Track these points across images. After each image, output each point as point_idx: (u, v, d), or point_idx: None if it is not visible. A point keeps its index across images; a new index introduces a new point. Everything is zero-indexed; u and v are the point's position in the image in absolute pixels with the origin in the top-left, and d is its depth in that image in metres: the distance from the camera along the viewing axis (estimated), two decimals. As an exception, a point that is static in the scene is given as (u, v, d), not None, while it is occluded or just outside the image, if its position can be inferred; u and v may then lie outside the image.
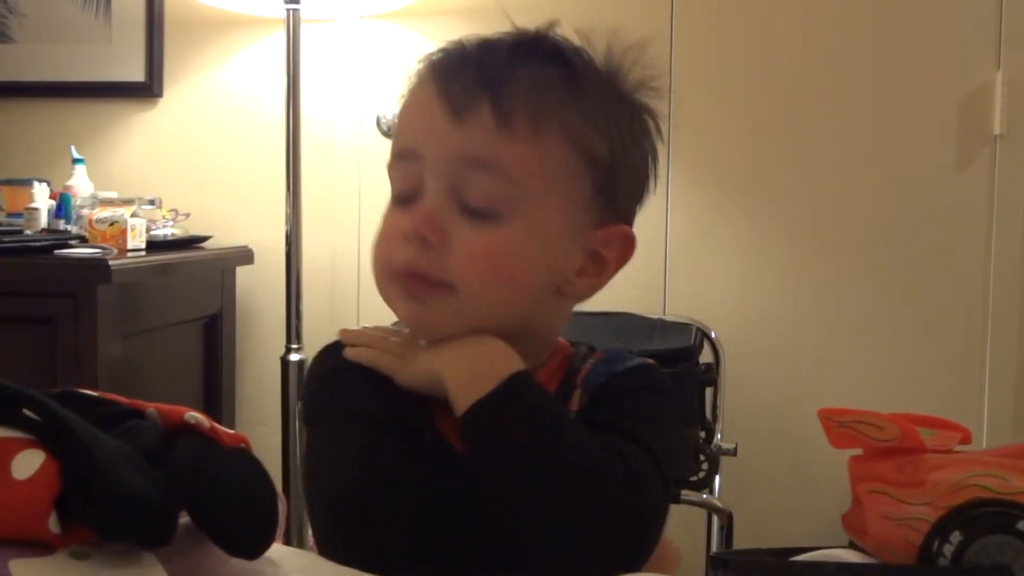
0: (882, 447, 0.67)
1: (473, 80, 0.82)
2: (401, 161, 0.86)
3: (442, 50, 0.87)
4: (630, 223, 0.89)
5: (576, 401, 0.89)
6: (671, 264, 2.46)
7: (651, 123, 0.92)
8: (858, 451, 0.69)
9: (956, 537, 0.62)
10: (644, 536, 0.79)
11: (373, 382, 0.85)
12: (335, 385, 0.89)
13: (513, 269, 0.83)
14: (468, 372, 0.81)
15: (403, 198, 0.85)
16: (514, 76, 0.82)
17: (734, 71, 2.49)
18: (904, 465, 0.65)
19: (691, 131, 2.48)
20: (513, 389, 0.80)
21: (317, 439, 0.89)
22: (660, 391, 0.91)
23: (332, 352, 0.92)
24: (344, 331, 0.91)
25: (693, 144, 2.48)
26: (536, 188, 0.82)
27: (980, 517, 0.62)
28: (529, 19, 0.89)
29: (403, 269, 0.83)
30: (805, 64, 2.47)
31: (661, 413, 0.89)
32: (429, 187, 0.82)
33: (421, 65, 0.88)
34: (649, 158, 0.90)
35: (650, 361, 0.93)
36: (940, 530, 0.62)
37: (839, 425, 0.68)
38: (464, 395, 0.80)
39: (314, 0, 2.33)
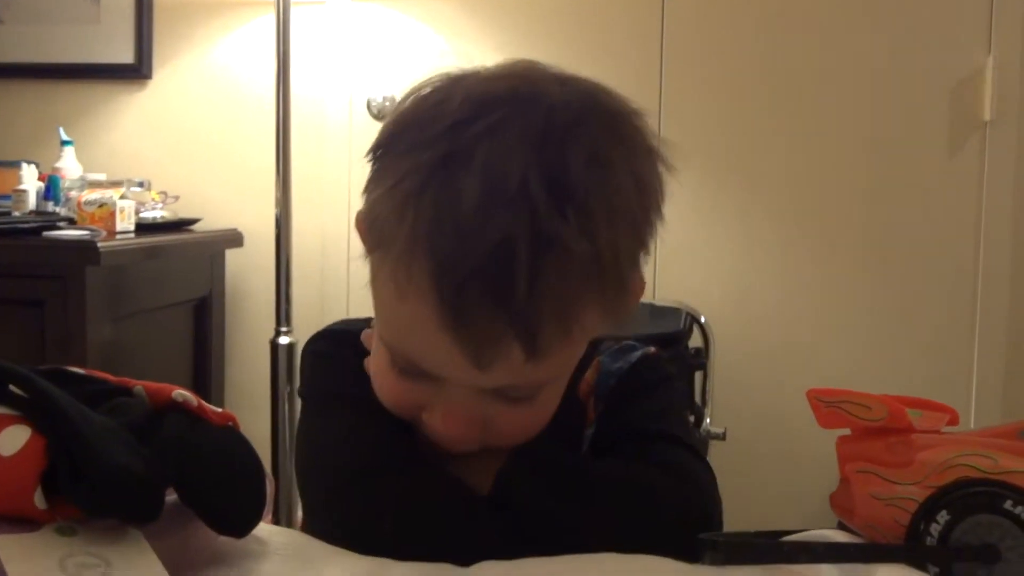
0: (870, 427, 0.67)
1: (497, 326, 0.68)
2: (407, 369, 0.76)
3: (430, 247, 0.68)
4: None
5: (592, 411, 0.88)
6: (661, 249, 2.46)
7: (662, 180, 0.79)
8: (846, 431, 0.69)
9: (943, 516, 0.62)
10: (712, 517, 0.81)
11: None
12: (333, 366, 0.88)
13: (552, 410, 0.81)
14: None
15: (413, 373, 0.76)
16: (541, 302, 0.68)
17: (724, 55, 2.49)
18: (892, 445, 0.65)
19: (681, 116, 2.48)
20: (527, 454, 0.79)
21: (308, 418, 0.89)
22: (668, 379, 0.91)
23: (335, 332, 0.91)
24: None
25: (683, 129, 2.48)
26: (567, 362, 0.78)
27: (968, 497, 0.62)
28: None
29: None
30: (797, 49, 2.47)
31: (675, 401, 0.91)
32: (455, 393, 0.75)
33: (393, 220, 0.70)
34: (656, 219, 0.78)
35: (651, 350, 0.93)
36: (928, 510, 0.62)
37: (827, 405, 0.68)
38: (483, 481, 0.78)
39: (304, -18, 2.33)
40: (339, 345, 0.89)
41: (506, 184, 0.67)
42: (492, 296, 0.67)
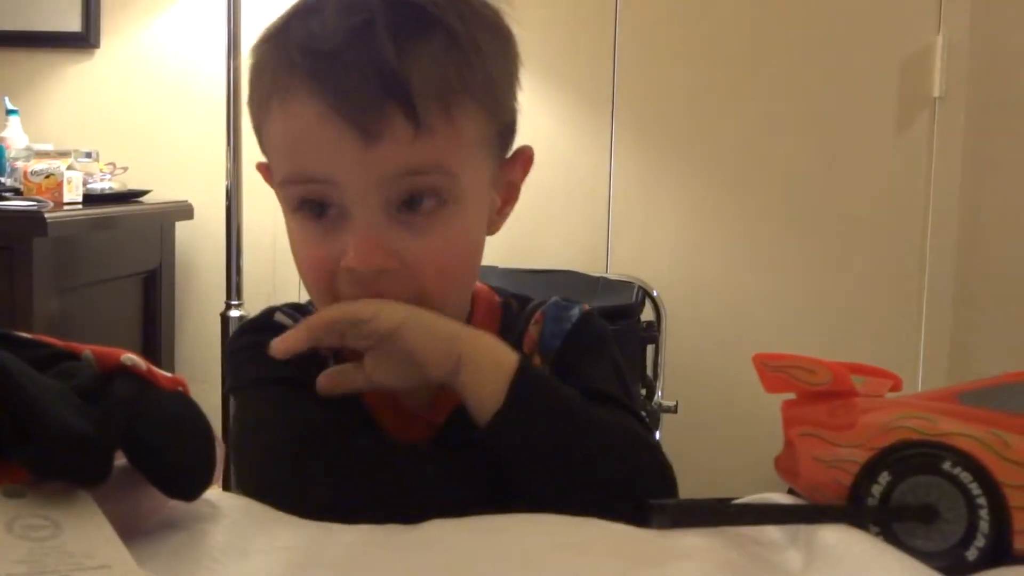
0: (814, 391, 0.68)
1: (374, 90, 0.73)
2: (302, 184, 0.78)
3: (299, 46, 0.76)
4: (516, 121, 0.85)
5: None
6: (614, 223, 2.47)
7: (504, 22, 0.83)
8: (791, 396, 0.70)
9: (884, 478, 0.63)
10: (666, 478, 0.82)
11: (297, 355, 0.81)
12: (257, 356, 0.87)
13: (469, 259, 0.82)
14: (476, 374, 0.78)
15: (316, 209, 0.78)
16: (414, 70, 0.73)
17: (678, 30, 2.50)
18: (835, 408, 0.66)
19: (634, 91, 2.48)
20: (524, 387, 0.78)
21: (241, 405, 0.89)
22: (606, 337, 0.92)
23: (255, 322, 0.91)
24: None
25: (636, 105, 2.49)
26: (464, 168, 0.78)
27: (907, 458, 0.63)
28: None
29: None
30: (749, 24, 2.49)
31: (615, 359, 0.91)
32: (357, 212, 0.76)
33: (271, 60, 0.78)
34: (516, 56, 0.84)
35: (586, 306, 0.94)
36: (869, 471, 0.63)
37: (773, 370, 0.69)
38: (480, 404, 0.77)
39: (256, -49, 2.30)
40: (261, 333, 0.86)
41: (373, 26, 0.73)
42: (365, 57, 0.72)
